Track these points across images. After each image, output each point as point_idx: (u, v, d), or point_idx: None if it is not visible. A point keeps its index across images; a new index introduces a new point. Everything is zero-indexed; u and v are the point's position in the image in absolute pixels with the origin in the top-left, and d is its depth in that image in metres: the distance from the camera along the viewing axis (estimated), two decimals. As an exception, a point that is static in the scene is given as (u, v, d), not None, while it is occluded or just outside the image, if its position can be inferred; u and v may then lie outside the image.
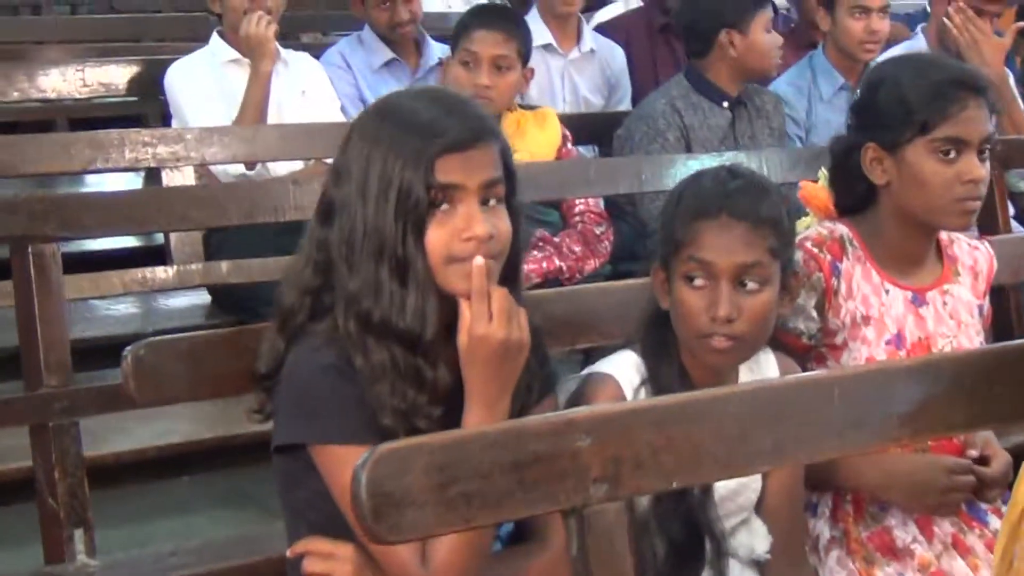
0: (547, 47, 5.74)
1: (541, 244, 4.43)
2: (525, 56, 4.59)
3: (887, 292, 3.03)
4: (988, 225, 4.71)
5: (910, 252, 3.07)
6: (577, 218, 4.65)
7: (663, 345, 2.71)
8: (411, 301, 2.35)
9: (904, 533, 2.97)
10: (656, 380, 2.68)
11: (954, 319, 3.09)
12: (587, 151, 5.57)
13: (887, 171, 2.98)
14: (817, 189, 3.16)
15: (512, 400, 2.41)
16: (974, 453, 2.94)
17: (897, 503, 2.97)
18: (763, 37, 4.91)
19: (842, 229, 3.06)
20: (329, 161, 4.78)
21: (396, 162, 2.32)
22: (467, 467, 1.96)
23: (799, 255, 2.96)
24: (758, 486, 2.80)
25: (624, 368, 2.70)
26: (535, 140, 4.63)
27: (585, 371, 2.78)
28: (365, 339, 2.37)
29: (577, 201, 4.64)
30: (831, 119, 5.27)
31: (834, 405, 2.27)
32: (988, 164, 3.00)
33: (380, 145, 2.34)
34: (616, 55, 5.92)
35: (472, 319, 2.34)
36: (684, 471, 2.14)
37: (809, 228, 3.11)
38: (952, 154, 2.92)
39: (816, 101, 5.32)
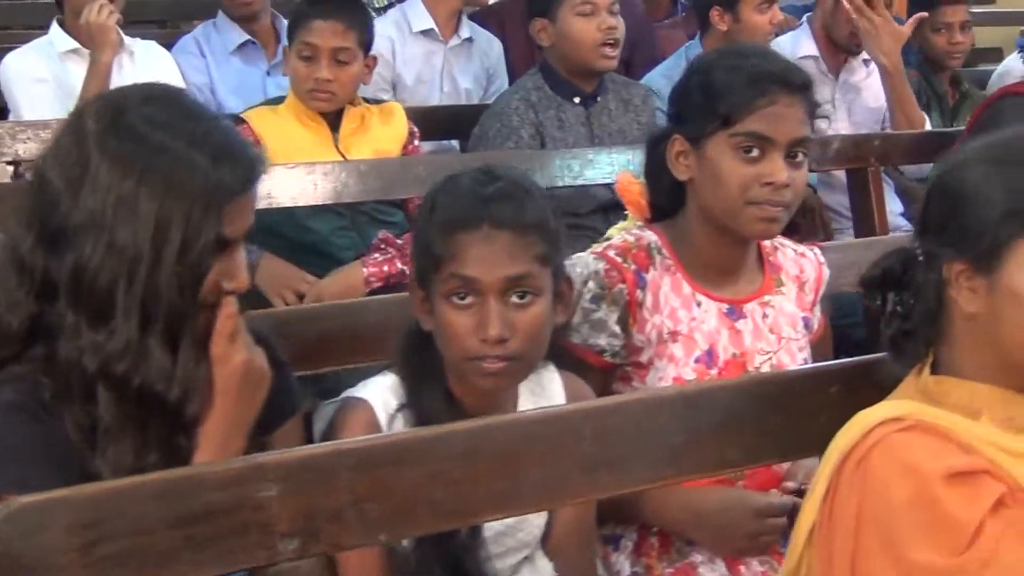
0: (428, 33, 5.44)
1: (383, 246, 4.15)
2: (366, 45, 4.31)
3: (699, 305, 2.76)
4: (865, 225, 4.48)
5: (723, 260, 2.80)
6: (424, 219, 4.36)
7: (425, 368, 2.44)
8: (181, 369, 2.08)
9: (710, 572, 2.71)
10: (418, 406, 2.41)
11: (775, 333, 2.83)
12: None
13: (690, 166, 2.73)
14: (631, 183, 2.89)
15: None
16: (791, 485, 2.67)
17: (702, 544, 2.71)
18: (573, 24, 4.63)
19: (650, 236, 2.79)
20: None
21: (179, 206, 2.05)
22: (121, 523, 1.70)
23: (601, 265, 2.70)
24: (542, 520, 2.53)
25: (380, 392, 2.43)
26: (379, 136, 4.35)
27: (344, 395, 2.49)
28: (100, 395, 2.08)
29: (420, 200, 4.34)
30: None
31: (584, 442, 2.01)
32: (804, 171, 2.73)
33: (151, 181, 2.04)
34: (493, 45, 5.63)
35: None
36: (394, 522, 1.89)
37: (616, 235, 2.83)
38: (755, 152, 2.66)
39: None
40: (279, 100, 4.36)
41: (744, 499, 2.65)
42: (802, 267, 2.92)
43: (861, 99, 5.42)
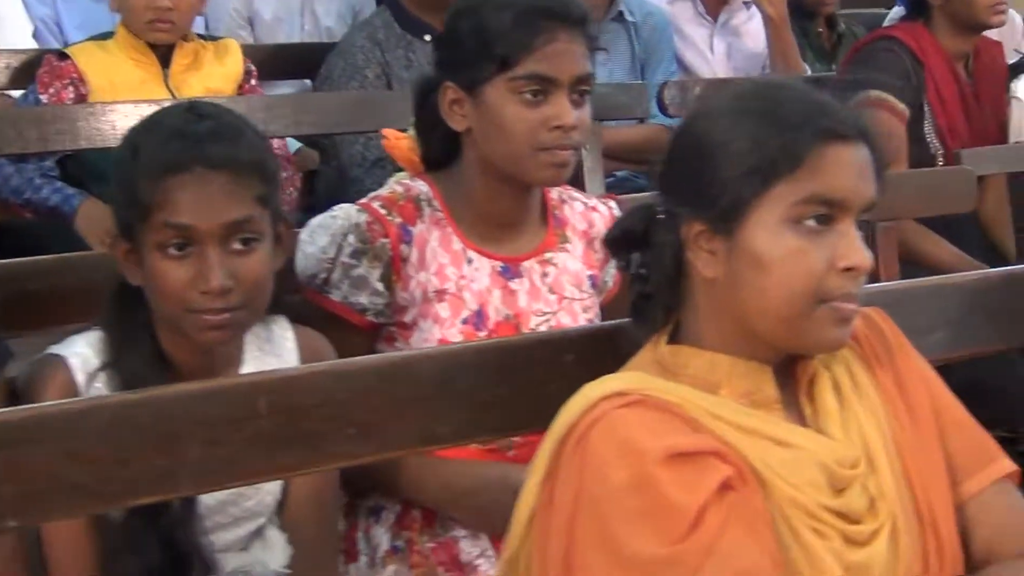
0: None
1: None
2: None
3: (470, 262, 2.57)
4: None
5: (501, 214, 2.61)
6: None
7: (131, 324, 2.25)
8: None
9: (472, 547, 2.53)
10: (122, 366, 2.22)
11: (556, 293, 2.64)
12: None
13: (467, 115, 2.52)
14: (399, 137, 2.68)
15: None
16: None
17: (462, 523, 2.54)
18: None
19: (421, 187, 2.59)
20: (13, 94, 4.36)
21: None
22: None
23: (364, 218, 2.50)
24: (275, 488, 2.35)
25: (81, 348, 2.23)
26: (212, 74, 4.14)
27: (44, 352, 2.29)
28: None
29: (264, 144, 4.13)
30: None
31: (260, 418, 1.81)
32: (588, 109, 2.54)
33: None
34: None
35: None
36: (25, 507, 1.69)
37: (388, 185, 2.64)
38: (538, 95, 2.46)
39: (553, 33, 4.81)
40: (109, 35, 4.13)
41: (506, 476, 2.43)
42: (591, 221, 2.73)
43: (741, 43, 5.24)
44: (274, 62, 4.54)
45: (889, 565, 1.83)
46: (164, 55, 4.10)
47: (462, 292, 2.55)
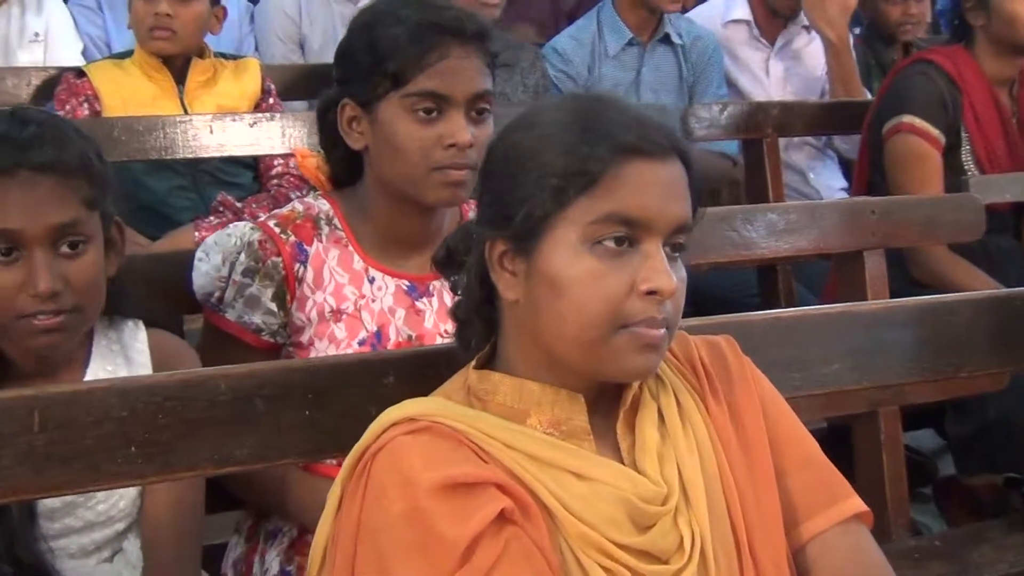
0: None
1: (221, 209, 3.90)
2: None
3: (372, 281, 2.50)
4: (758, 201, 4.16)
5: (404, 232, 2.52)
6: (274, 181, 4.13)
7: None
8: None
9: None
10: None
11: (467, 313, 2.53)
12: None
13: (364, 133, 2.45)
14: (306, 155, 2.62)
15: None
16: None
17: None
18: None
19: (323, 206, 2.53)
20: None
21: None
22: None
23: (256, 236, 2.44)
24: (117, 499, 2.29)
25: None
26: (226, 91, 4.13)
27: None
28: None
29: (276, 162, 4.10)
30: (618, 76, 4.77)
31: (31, 433, 1.75)
32: (489, 126, 2.45)
33: None
34: None
35: None
36: None
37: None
38: (432, 113, 2.38)
39: (601, 57, 4.73)
40: (128, 54, 4.13)
41: None
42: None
43: (799, 66, 5.07)
44: (301, 81, 4.47)
45: None
46: (180, 72, 4.08)
47: (361, 312, 2.47)
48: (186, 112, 3.99)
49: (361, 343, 2.46)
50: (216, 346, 2.50)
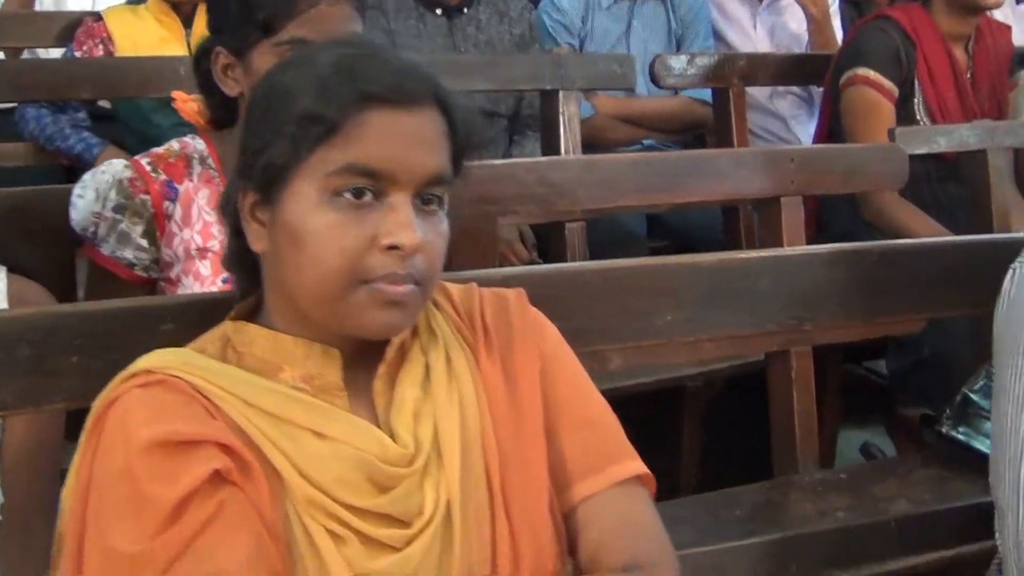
0: None
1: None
2: None
3: None
4: (725, 142, 3.83)
5: None
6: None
7: None
8: None
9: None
10: None
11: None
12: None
13: (238, 80, 2.18)
14: (186, 99, 2.36)
15: None
16: None
17: None
18: None
19: (199, 145, 2.28)
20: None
21: None
22: None
23: (127, 174, 2.19)
24: None
25: None
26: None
27: None
28: None
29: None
30: (610, 28, 4.43)
31: None
32: None
33: None
34: None
35: None
36: None
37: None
38: None
39: (594, 9, 4.39)
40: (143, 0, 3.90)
41: None
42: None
43: (784, 22, 4.68)
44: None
45: (435, 567, 1.44)
46: (188, 17, 3.84)
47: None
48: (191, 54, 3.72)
49: (224, 281, 2.20)
50: (98, 280, 2.28)
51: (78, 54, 3.79)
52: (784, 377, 2.84)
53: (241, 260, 1.55)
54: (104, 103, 4.00)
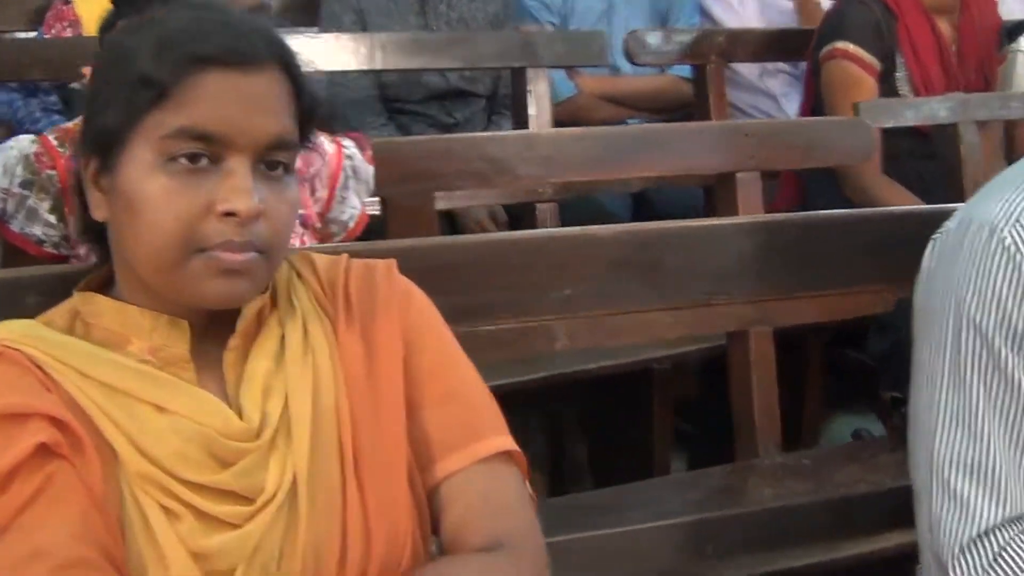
0: None
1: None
2: None
3: None
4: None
5: None
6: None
7: None
8: None
9: None
10: None
11: (249, 230, 2.14)
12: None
13: None
14: (93, 72, 2.23)
15: None
16: None
17: None
18: None
19: None
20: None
21: None
22: None
23: (33, 149, 2.10)
24: None
25: None
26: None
27: None
28: None
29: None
30: (592, 5, 4.29)
31: None
32: None
33: None
34: None
35: None
36: None
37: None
38: None
39: (576, -13, 4.25)
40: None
41: None
42: (309, 160, 2.22)
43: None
44: (294, 8, 4.09)
45: (279, 544, 1.35)
46: (156, -1, 3.71)
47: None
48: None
49: None
50: (8, 258, 2.17)
51: (47, 36, 3.72)
52: (743, 360, 2.73)
53: (93, 231, 1.46)
54: (76, 85, 3.92)
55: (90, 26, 3.68)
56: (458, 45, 3.58)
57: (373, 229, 2.55)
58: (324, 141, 2.26)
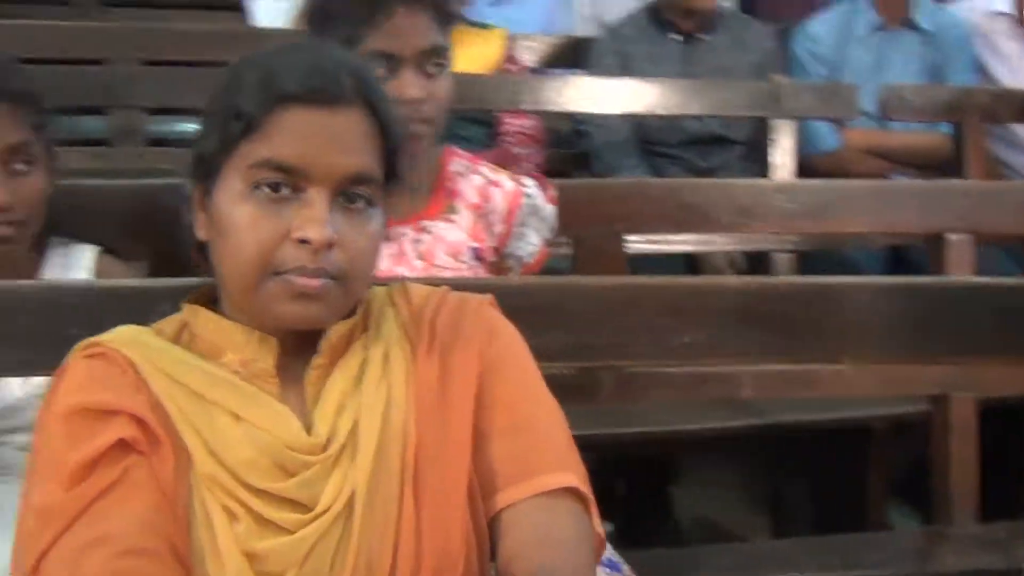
0: None
1: (448, 158, 3.69)
2: None
3: None
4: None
5: None
6: (508, 138, 3.87)
7: None
8: None
9: None
10: None
11: (424, 260, 2.27)
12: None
13: None
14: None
15: None
16: None
17: None
18: None
19: None
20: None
21: None
22: None
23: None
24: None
25: None
26: (468, 55, 3.87)
27: None
28: None
29: (508, 119, 3.85)
30: (864, 59, 4.23)
31: None
32: (444, 81, 2.19)
33: None
34: None
35: None
36: None
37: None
38: (383, 70, 2.10)
39: (849, 40, 4.20)
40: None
41: None
42: (488, 196, 2.32)
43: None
44: (554, 52, 4.22)
45: (330, 554, 1.43)
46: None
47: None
48: (427, 72, 3.80)
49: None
50: None
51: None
52: (942, 423, 2.68)
53: (202, 250, 1.57)
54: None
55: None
56: (711, 92, 3.60)
57: (561, 267, 2.64)
58: (504, 180, 2.35)
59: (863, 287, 1.96)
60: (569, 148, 4.16)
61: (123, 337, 1.50)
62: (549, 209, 2.39)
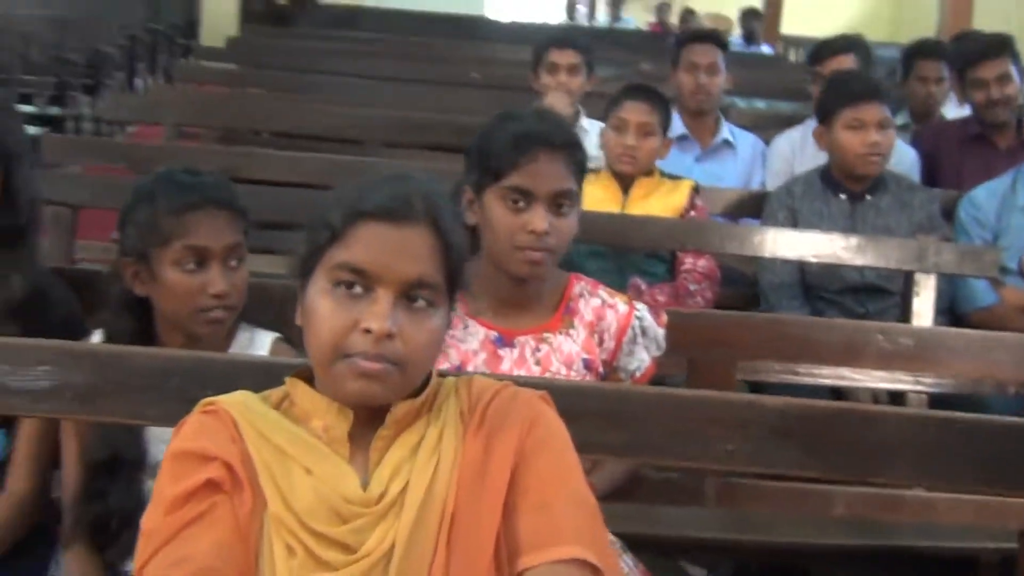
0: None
1: (630, 291, 4.00)
2: (665, 127, 4.17)
3: (466, 327, 2.57)
4: None
5: (503, 294, 2.58)
6: (684, 275, 4.14)
7: (135, 325, 2.49)
8: None
9: None
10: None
11: (541, 366, 2.56)
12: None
13: (476, 213, 2.55)
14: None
15: None
16: None
17: None
18: (841, 135, 4.11)
19: None
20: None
21: None
22: None
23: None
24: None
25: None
26: (658, 204, 4.18)
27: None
28: None
29: (687, 259, 4.13)
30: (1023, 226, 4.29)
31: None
32: (570, 219, 2.51)
33: None
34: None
35: None
36: None
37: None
38: (520, 203, 2.46)
39: (1011, 207, 4.30)
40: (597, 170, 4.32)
41: None
42: (602, 315, 2.62)
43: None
44: (732, 203, 4.49)
45: None
46: (627, 185, 4.21)
47: (448, 349, 2.54)
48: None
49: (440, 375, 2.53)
50: None
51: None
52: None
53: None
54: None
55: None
56: (867, 247, 3.79)
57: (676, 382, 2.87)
58: (619, 303, 2.63)
59: (895, 415, 2.12)
60: (741, 287, 4.39)
61: (233, 399, 1.77)
62: (658, 330, 2.65)
